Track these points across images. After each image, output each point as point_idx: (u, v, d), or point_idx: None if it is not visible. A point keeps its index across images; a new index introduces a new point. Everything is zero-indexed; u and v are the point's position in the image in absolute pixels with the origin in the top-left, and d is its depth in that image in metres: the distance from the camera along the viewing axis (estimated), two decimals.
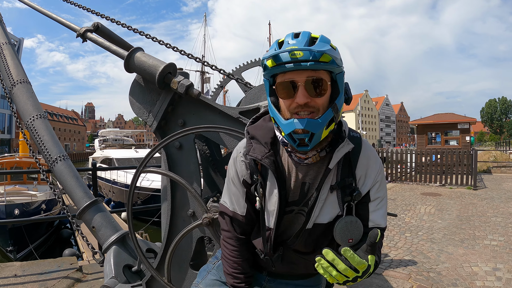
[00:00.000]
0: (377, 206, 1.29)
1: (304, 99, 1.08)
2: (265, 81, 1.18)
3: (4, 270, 3.96)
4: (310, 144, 1.12)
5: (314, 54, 1.03)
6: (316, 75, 1.08)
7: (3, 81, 3.74)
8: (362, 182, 1.26)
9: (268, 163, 1.22)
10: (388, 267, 4.32)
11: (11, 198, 11.27)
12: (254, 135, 1.28)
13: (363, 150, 1.27)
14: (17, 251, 10.15)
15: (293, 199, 1.27)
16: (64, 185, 3.27)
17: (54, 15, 3.51)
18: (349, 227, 1.21)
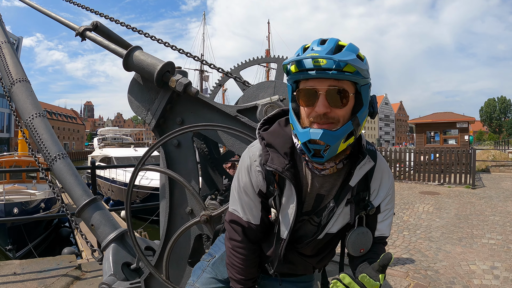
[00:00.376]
0: (385, 217, 1.31)
1: (323, 108, 1.03)
2: (288, 86, 1.14)
3: (3, 268, 3.97)
4: (325, 156, 1.07)
5: (337, 63, 0.99)
6: (339, 85, 1.03)
7: (2, 80, 3.74)
8: (375, 195, 1.27)
9: (289, 176, 1.17)
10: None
11: (10, 197, 11.26)
12: (271, 143, 1.21)
13: (378, 164, 1.25)
14: (16, 249, 10.15)
15: (306, 210, 1.27)
16: (63, 183, 3.28)
17: (53, 14, 3.51)
18: (361, 238, 1.23)
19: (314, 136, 1.04)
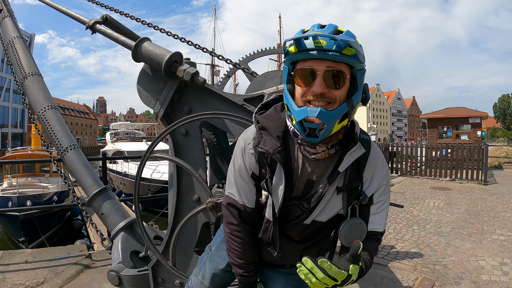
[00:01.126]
0: (378, 209, 1.29)
1: (321, 88, 1.05)
2: (284, 68, 1.15)
3: (15, 257, 4.06)
4: (320, 136, 1.08)
5: (338, 43, 1.01)
6: (337, 67, 1.05)
7: (15, 74, 3.82)
8: (368, 185, 1.25)
9: (280, 158, 1.18)
10: (394, 259, 4.31)
11: (24, 190, 11.51)
12: (265, 126, 1.23)
13: (372, 153, 1.25)
14: (29, 241, 10.37)
15: (296, 194, 1.26)
16: (75, 173, 3.35)
17: (63, 8, 3.57)
18: (354, 229, 1.22)
19: (311, 113, 1.05)
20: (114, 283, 2.64)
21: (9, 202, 10.63)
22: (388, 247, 4.79)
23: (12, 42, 3.81)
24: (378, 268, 3.95)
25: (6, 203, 10.71)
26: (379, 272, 3.84)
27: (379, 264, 4.08)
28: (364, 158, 1.22)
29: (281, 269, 1.48)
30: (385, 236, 5.29)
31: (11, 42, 3.82)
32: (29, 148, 16.00)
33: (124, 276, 2.61)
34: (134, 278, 2.60)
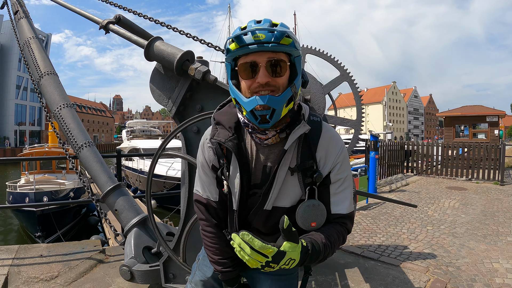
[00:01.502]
0: (338, 189, 1.28)
1: (265, 78, 1.12)
2: (227, 65, 1.21)
3: (30, 251, 4.16)
4: (271, 121, 1.15)
5: (275, 35, 1.09)
6: (277, 57, 1.13)
7: (31, 73, 3.92)
8: (323, 163, 1.26)
9: (231, 146, 1.25)
10: (406, 259, 4.26)
11: (40, 186, 11.77)
12: (219, 121, 1.32)
13: (324, 133, 1.27)
14: (45, 236, 10.63)
15: (255, 182, 1.29)
16: (89, 170, 3.42)
17: (77, 9, 3.64)
18: (310, 210, 1.21)
19: (261, 101, 1.12)
20: (126, 277, 2.70)
21: (26, 198, 10.94)
22: (401, 247, 4.74)
23: (28, 43, 3.90)
24: (390, 269, 3.92)
25: (23, 199, 11.01)
26: (391, 273, 3.81)
27: (391, 265, 4.04)
28: (315, 137, 1.26)
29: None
30: (398, 236, 5.24)
31: (27, 42, 3.91)
32: (46, 145, 16.36)
33: (136, 271, 2.67)
34: (146, 273, 2.65)
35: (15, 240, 12.39)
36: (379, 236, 5.27)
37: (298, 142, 1.24)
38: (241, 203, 1.30)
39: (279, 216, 1.19)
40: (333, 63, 3.27)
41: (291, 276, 1.46)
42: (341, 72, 3.24)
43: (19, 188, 12.06)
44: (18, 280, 3.47)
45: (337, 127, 3.54)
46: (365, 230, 5.59)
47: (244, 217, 1.33)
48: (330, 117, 3.26)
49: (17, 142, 58.42)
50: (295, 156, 1.24)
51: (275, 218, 1.27)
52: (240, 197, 1.28)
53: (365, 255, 4.35)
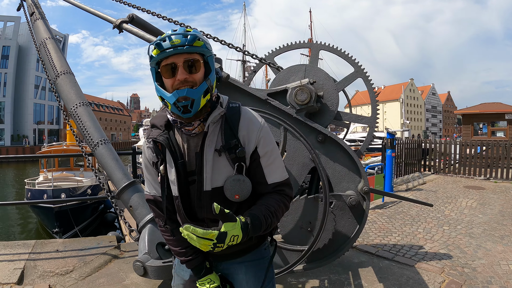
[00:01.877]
0: (268, 160, 1.43)
1: (183, 75, 1.30)
2: (152, 69, 1.37)
3: (47, 246, 4.26)
4: (192, 110, 1.32)
5: (188, 39, 1.29)
6: (192, 57, 1.32)
7: (48, 73, 3.99)
8: (247, 141, 1.41)
9: (162, 139, 1.42)
10: (422, 260, 4.19)
11: (58, 183, 12.03)
12: (153, 123, 1.50)
13: (243, 114, 1.44)
14: (63, 232, 10.85)
15: (191, 169, 1.42)
16: (105, 167, 3.47)
17: (90, 9, 3.70)
18: (236, 184, 1.36)
19: (181, 93, 1.30)
20: (139, 273, 2.73)
21: (44, 195, 11.19)
22: (416, 247, 4.67)
23: (44, 43, 3.98)
24: (404, 269, 3.87)
25: (42, 196, 11.28)
26: (405, 273, 3.75)
27: (405, 265, 3.99)
28: (234, 119, 1.42)
29: (236, 259, 1.53)
30: (414, 235, 5.17)
31: (44, 43, 3.98)
32: (65, 143, 16.70)
33: (149, 267, 2.70)
34: (159, 269, 2.68)
35: (33, 236, 12.68)
36: (395, 235, 5.20)
37: (220, 126, 1.40)
38: (181, 189, 1.42)
39: (221, 198, 1.37)
40: (347, 59, 3.23)
41: (263, 260, 1.57)
42: (356, 69, 3.20)
43: (37, 185, 12.36)
44: (34, 274, 3.56)
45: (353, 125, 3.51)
46: (380, 229, 5.53)
47: (190, 206, 1.44)
48: (345, 114, 3.23)
49: (36, 141, 59.91)
50: (220, 138, 1.40)
51: (218, 200, 1.35)
52: (178, 183, 1.41)
53: (379, 254, 4.30)
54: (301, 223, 2.87)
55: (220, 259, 1.53)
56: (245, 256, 1.52)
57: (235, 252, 1.49)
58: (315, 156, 2.49)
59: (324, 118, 3.05)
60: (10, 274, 3.51)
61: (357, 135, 26.88)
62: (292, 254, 2.91)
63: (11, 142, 58.40)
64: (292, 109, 2.87)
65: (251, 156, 1.41)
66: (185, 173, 1.42)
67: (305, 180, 3.14)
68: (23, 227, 14.24)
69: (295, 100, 2.80)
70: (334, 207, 2.91)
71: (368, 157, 17.64)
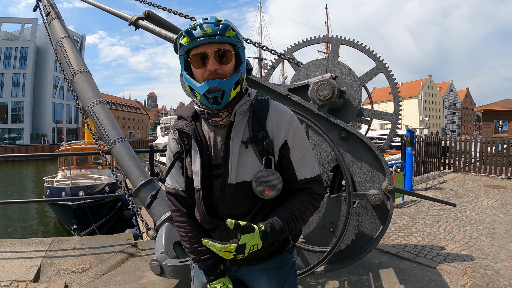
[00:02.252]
0: (299, 154, 1.38)
1: (214, 66, 1.27)
2: (180, 58, 1.35)
3: (64, 243, 4.29)
4: (222, 101, 1.29)
5: (220, 28, 1.25)
6: (223, 47, 1.28)
7: (64, 72, 4.01)
8: (276, 133, 1.36)
9: (188, 130, 1.38)
10: (443, 261, 4.07)
11: (77, 181, 12.23)
12: (180, 115, 1.48)
13: (272, 107, 1.40)
14: (81, 229, 10.98)
15: (217, 162, 1.37)
16: (122, 165, 3.46)
17: (105, 6, 3.69)
18: (265, 178, 1.30)
19: (212, 84, 1.27)
20: (156, 272, 2.70)
21: (63, 192, 11.39)
22: (438, 248, 4.54)
23: (60, 42, 3.99)
24: (426, 270, 3.76)
25: (60, 193, 11.48)
26: (427, 275, 3.64)
27: (427, 266, 3.88)
28: (263, 111, 1.38)
29: (257, 265, 1.45)
30: (435, 236, 5.03)
31: (60, 42, 4.00)
32: (83, 142, 16.98)
33: (166, 266, 2.67)
34: (176, 268, 2.65)
35: (52, 233, 12.94)
36: (415, 235, 5.07)
37: (248, 117, 1.36)
38: (204, 182, 1.37)
39: (246, 193, 1.33)
40: (368, 53, 3.13)
41: (286, 268, 1.50)
42: (377, 63, 3.10)
43: (56, 183, 12.58)
44: (50, 271, 3.58)
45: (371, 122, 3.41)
46: (400, 229, 5.40)
47: (210, 202, 1.38)
48: (366, 110, 3.13)
49: (55, 139, 61.31)
50: (247, 130, 1.35)
51: (242, 195, 1.34)
52: (202, 175, 1.36)
53: (400, 255, 4.19)
54: (323, 223, 2.79)
55: (239, 264, 1.44)
56: (266, 262, 1.45)
57: (256, 258, 1.41)
58: (339, 154, 2.41)
59: (347, 114, 2.95)
60: (27, 271, 3.54)
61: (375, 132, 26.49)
62: (313, 255, 2.83)
63: (30, 141, 59.95)
64: (314, 104, 2.78)
65: (280, 150, 1.36)
66: (209, 166, 1.38)
67: (326, 178, 3.06)
68: (42, 224, 14.55)
69: (317, 96, 2.72)
70: (357, 207, 2.81)
71: (386, 155, 17.38)
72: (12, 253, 3.97)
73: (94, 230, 11.15)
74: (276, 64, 3.53)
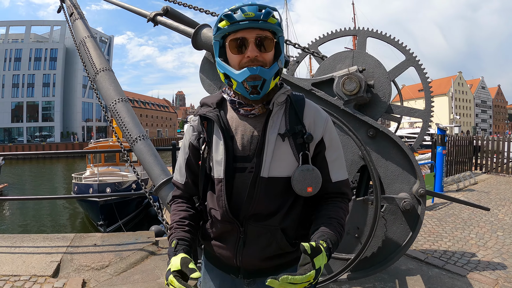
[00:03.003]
0: (334, 155, 1.32)
1: (254, 52, 1.19)
2: (215, 44, 1.27)
3: (85, 240, 4.33)
4: (261, 91, 1.21)
5: (264, 13, 1.18)
6: (264, 34, 1.20)
7: (87, 71, 4.03)
8: (313, 129, 1.29)
9: (212, 115, 1.30)
10: (474, 269, 3.82)
11: (104, 178, 12.55)
12: (203, 102, 1.40)
13: (307, 103, 1.34)
14: (107, 225, 11.24)
15: (243, 154, 1.28)
16: (143, 162, 3.43)
17: (125, 4, 3.68)
18: (306, 174, 1.22)
19: (253, 72, 1.18)
20: None
21: (90, 189, 11.72)
22: (468, 255, 4.28)
23: (83, 42, 4.03)
24: (455, 279, 3.54)
25: (88, 190, 11.82)
26: (457, 284, 3.43)
27: (457, 274, 3.66)
28: (300, 105, 1.31)
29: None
30: (466, 241, 4.77)
31: (83, 41, 4.03)
32: (111, 139, 17.40)
33: None
34: None
35: (79, 228, 13.37)
36: (445, 240, 4.81)
37: (285, 109, 1.29)
38: (228, 172, 1.26)
39: (278, 189, 1.25)
40: (397, 46, 2.94)
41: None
42: (407, 57, 2.91)
43: (84, 180, 12.95)
44: (70, 267, 3.61)
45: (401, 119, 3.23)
46: (430, 233, 5.14)
47: (231, 198, 1.27)
48: (396, 106, 2.94)
49: (84, 137, 63.68)
50: (284, 122, 1.27)
51: (273, 190, 1.25)
52: (226, 163, 1.26)
53: (429, 261, 3.96)
54: (347, 228, 2.61)
55: (252, 276, 1.32)
56: (283, 271, 1.33)
57: (274, 267, 1.29)
58: (366, 153, 2.25)
59: (375, 110, 2.75)
60: (46, 266, 3.58)
61: (404, 131, 25.75)
62: (336, 261, 2.68)
63: (61, 138, 62.87)
64: (340, 100, 2.61)
65: (316, 147, 1.30)
66: (233, 156, 1.29)
67: (353, 179, 2.90)
68: (70, 220, 15.04)
69: (342, 90, 2.54)
70: (385, 211, 2.62)
71: (416, 154, 16.85)
72: (34, 248, 4.04)
73: (120, 226, 11.38)
74: (300, 59, 3.39)
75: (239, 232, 1.26)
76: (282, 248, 1.27)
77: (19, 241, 4.18)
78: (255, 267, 1.29)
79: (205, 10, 3.36)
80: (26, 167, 39.65)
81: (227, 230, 1.28)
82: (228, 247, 1.29)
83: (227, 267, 1.34)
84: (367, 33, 2.98)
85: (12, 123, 63.76)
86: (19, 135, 64.50)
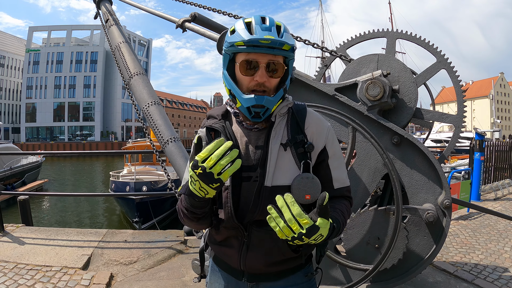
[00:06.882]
0: (336, 162, 1.36)
1: (263, 78, 1.23)
2: (225, 56, 1.29)
3: (117, 236, 4.53)
4: (263, 117, 1.27)
5: (281, 42, 1.19)
6: (276, 59, 1.23)
7: (122, 74, 4.21)
8: (315, 138, 1.33)
9: (218, 126, 1.35)
10: (505, 285, 3.58)
11: (141, 177, 13.00)
12: (210, 115, 1.45)
13: (309, 112, 1.38)
14: (142, 222, 11.62)
15: (248, 164, 1.30)
16: (173, 164, 3.54)
17: (155, 11, 3.81)
18: (304, 183, 1.23)
19: (259, 101, 1.23)
20: (197, 271, 2.69)
21: (127, 187, 12.25)
22: (500, 269, 4.02)
23: (118, 47, 4.21)
24: None
25: (125, 188, 12.35)
26: None
27: None
28: (301, 115, 1.35)
29: (278, 281, 1.35)
30: (499, 254, 4.48)
31: (118, 46, 4.22)
32: (148, 140, 17.95)
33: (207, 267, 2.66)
34: None
35: (115, 224, 13.90)
36: (478, 253, 4.53)
37: (286, 120, 1.33)
38: (234, 180, 1.29)
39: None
40: (428, 47, 2.83)
41: (309, 283, 1.43)
42: (438, 59, 2.79)
43: (121, 178, 13.50)
44: (100, 261, 3.79)
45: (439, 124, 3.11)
46: (462, 244, 4.88)
47: (238, 206, 1.29)
48: (427, 111, 2.84)
49: (123, 137, 66.31)
50: (286, 133, 1.32)
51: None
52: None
53: (458, 274, 3.76)
54: (368, 238, 2.55)
55: (257, 280, 1.36)
56: (288, 278, 1.36)
57: (277, 272, 1.34)
58: (388, 162, 2.18)
59: (401, 116, 2.67)
60: (77, 259, 3.77)
61: (443, 135, 24.63)
62: (355, 271, 2.62)
63: (101, 138, 66.12)
64: (363, 105, 2.55)
65: (318, 156, 1.33)
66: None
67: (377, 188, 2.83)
68: (107, 216, 15.68)
69: (366, 95, 2.48)
70: (408, 222, 2.52)
71: (454, 159, 16.08)
72: (67, 241, 4.27)
73: (154, 224, 11.71)
74: (328, 62, 3.35)
75: (243, 237, 1.29)
76: (285, 253, 1.29)
77: (54, 234, 4.44)
78: (258, 271, 1.32)
79: (234, 15, 3.43)
80: (67, 164, 41.95)
81: (232, 234, 1.31)
82: (232, 251, 1.33)
83: (232, 270, 1.38)
84: (396, 34, 2.91)
85: (54, 122, 68.24)
86: (60, 134, 68.90)
